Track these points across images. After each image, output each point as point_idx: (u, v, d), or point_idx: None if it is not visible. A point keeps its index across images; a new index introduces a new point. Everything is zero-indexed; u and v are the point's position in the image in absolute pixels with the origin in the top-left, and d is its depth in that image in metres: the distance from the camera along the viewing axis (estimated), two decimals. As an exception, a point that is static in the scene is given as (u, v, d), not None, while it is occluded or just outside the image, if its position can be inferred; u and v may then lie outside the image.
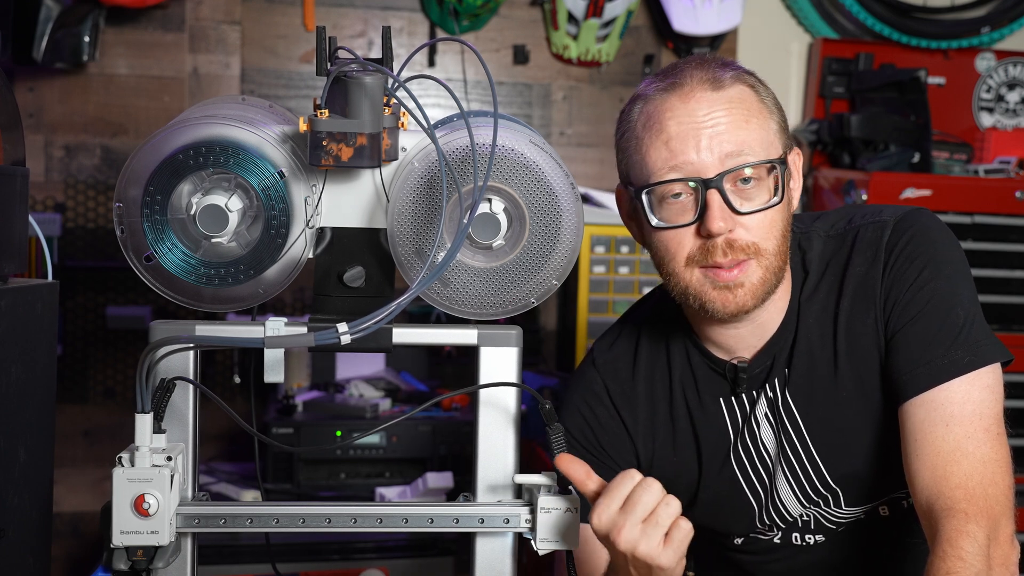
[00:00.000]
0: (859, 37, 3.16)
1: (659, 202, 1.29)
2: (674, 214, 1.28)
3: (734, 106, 1.27)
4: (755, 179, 1.27)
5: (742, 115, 1.27)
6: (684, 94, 1.27)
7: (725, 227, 1.25)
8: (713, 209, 1.25)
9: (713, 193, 1.25)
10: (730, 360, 1.39)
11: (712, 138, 1.25)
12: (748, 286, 1.28)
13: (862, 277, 1.34)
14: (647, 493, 1.12)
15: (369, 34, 2.97)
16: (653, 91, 1.30)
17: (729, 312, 1.29)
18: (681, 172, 1.26)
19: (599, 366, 1.48)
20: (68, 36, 2.61)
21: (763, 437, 1.40)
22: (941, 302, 1.29)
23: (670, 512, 1.12)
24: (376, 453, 2.48)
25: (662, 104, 1.28)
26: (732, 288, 1.28)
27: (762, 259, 1.28)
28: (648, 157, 1.28)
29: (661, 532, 1.12)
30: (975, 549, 1.17)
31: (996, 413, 1.26)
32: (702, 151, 1.25)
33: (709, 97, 1.27)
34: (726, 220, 1.25)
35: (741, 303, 1.29)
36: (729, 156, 1.25)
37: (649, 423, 1.44)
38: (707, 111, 1.26)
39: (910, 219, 1.35)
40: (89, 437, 2.86)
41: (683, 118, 1.27)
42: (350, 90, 1.03)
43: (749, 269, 1.28)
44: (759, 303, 1.30)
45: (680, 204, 1.28)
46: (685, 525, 1.13)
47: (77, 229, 2.83)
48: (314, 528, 1.12)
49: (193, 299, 1.10)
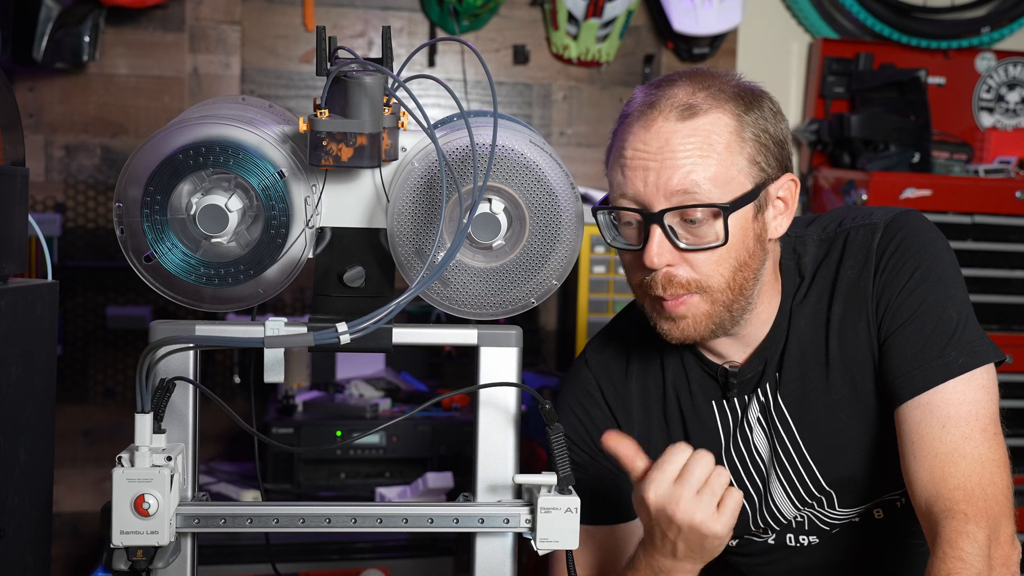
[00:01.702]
0: (859, 37, 3.16)
1: (618, 220, 1.31)
2: (627, 235, 1.31)
3: (696, 139, 1.24)
4: (701, 219, 1.25)
5: (699, 151, 1.24)
6: (648, 121, 1.26)
7: (661, 263, 1.25)
8: (652, 243, 1.25)
9: (654, 228, 1.25)
10: (722, 364, 1.39)
11: (660, 172, 1.24)
12: (692, 319, 1.29)
13: (853, 281, 1.34)
14: (699, 464, 1.19)
15: (369, 34, 2.97)
16: (634, 107, 1.30)
17: (675, 340, 1.32)
18: (630, 201, 1.27)
19: (592, 366, 1.47)
20: (68, 36, 2.61)
21: (756, 441, 1.40)
22: (934, 304, 1.29)
23: (722, 481, 1.20)
24: (376, 453, 2.48)
25: (629, 127, 1.29)
26: (675, 320, 1.30)
27: (707, 295, 1.28)
28: (611, 176, 1.31)
29: (715, 501, 1.19)
30: (975, 550, 1.17)
31: (992, 413, 1.26)
32: (648, 184, 1.25)
33: (670, 128, 1.25)
34: (662, 256, 1.25)
35: (685, 334, 1.31)
36: (676, 194, 1.24)
37: (644, 424, 1.44)
38: (663, 143, 1.25)
39: (900, 221, 1.34)
40: (89, 437, 2.86)
41: (639, 146, 1.26)
42: (350, 90, 1.03)
43: (692, 303, 1.28)
44: (708, 334, 1.31)
45: (630, 229, 1.30)
46: (736, 494, 1.21)
47: (77, 229, 2.83)
48: (314, 528, 1.12)
49: (193, 299, 1.10)
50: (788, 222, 1.34)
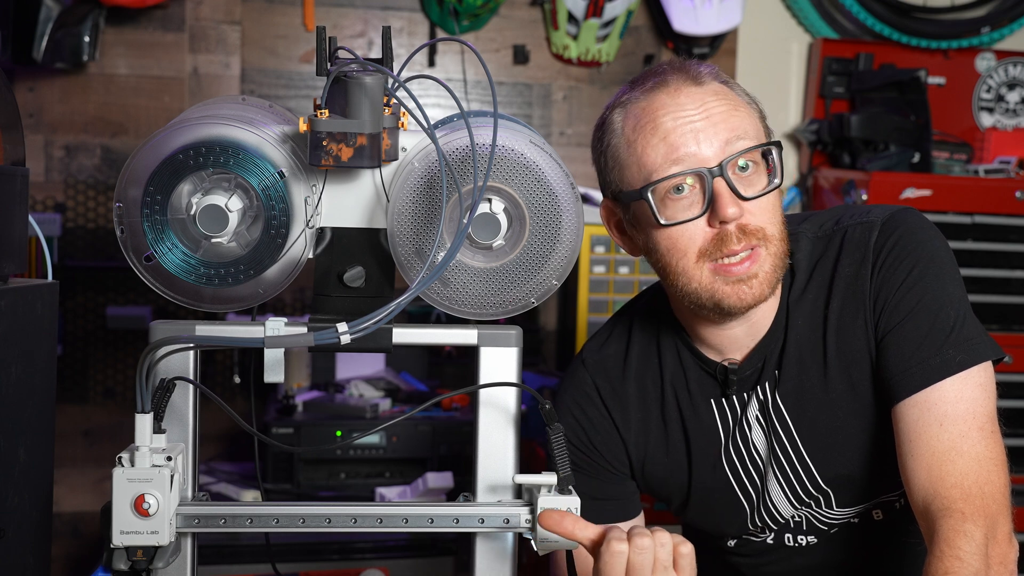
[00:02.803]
0: (859, 37, 3.16)
1: (661, 201, 1.28)
2: (679, 211, 1.27)
3: (720, 97, 1.28)
4: (753, 164, 1.28)
5: (729, 104, 1.28)
6: (672, 90, 1.28)
7: (738, 212, 1.25)
8: (723, 196, 1.25)
9: (719, 181, 1.25)
10: (721, 362, 1.39)
11: (708, 128, 1.26)
12: (762, 276, 1.28)
13: (851, 278, 1.34)
14: (639, 553, 1.09)
15: (369, 34, 2.97)
16: (636, 95, 1.30)
17: (746, 305, 1.29)
18: (684, 165, 1.26)
19: (589, 366, 1.47)
20: (68, 36, 2.61)
21: (754, 439, 1.40)
22: (931, 302, 1.29)
23: (667, 550, 1.09)
24: (376, 453, 2.48)
25: (651, 103, 1.28)
26: (746, 280, 1.27)
27: (770, 245, 1.28)
28: (645, 156, 1.28)
29: (672, 572, 1.10)
30: (973, 548, 1.17)
31: (990, 411, 1.26)
32: (701, 142, 1.26)
33: (695, 91, 1.28)
34: (737, 205, 1.25)
35: (758, 294, 1.28)
36: (727, 143, 1.26)
37: (641, 423, 1.44)
38: (698, 104, 1.27)
39: (897, 219, 1.34)
40: (89, 437, 2.86)
41: (676, 112, 1.27)
42: (350, 90, 1.03)
43: (760, 258, 1.28)
44: (773, 290, 1.30)
45: (684, 200, 1.27)
46: (685, 548, 1.10)
47: (77, 229, 2.83)
48: (314, 528, 1.12)
49: (193, 299, 1.10)
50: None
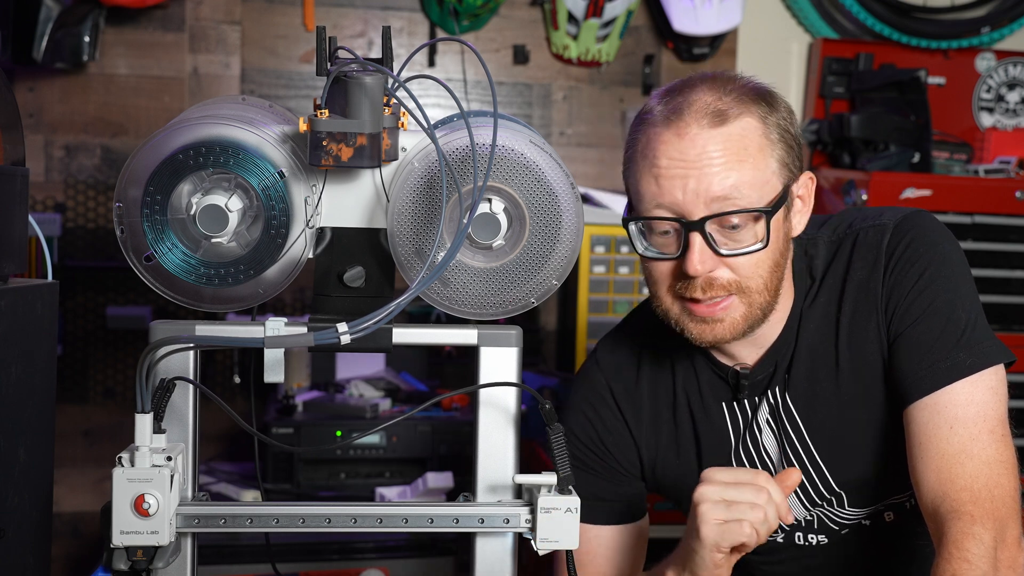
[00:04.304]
0: (859, 37, 3.16)
1: (648, 230, 1.29)
2: (660, 244, 1.29)
3: (731, 145, 1.24)
4: (741, 224, 1.26)
5: (736, 156, 1.24)
6: (680, 129, 1.25)
7: (703, 269, 1.25)
8: (692, 252, 1.25)
9: (695, 235, 1.24)
10: (733, 366, 1.39)
11: (700, 180, 1.24)
12: (728, 322, 1.29)
13: (863, 282, 1.34)
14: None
15: (369, 34, 2.97)
16: (657, 114, 1.28)
17: (705, 343, 1.31)
18: (667, 210, 1.26)
19: (603, 367, 1.48)
20: (68, 36, 2.61)
21: (765, 442, 1.40)
22: (943, 305, 1.29)
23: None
24: (376, 453, 2.48)
25: (658, 136, 1.27)
26: (710, 322, 1.29)
27: (745, 296, 1.28)
28: (640, 186, 1.29)
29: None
30: (981, 551, 1.17)
31: (1000, 414, 1.26)
32: (688, 192, 1.24)
33: (705, 135, 1.24)
34: (704, 263, 1.25)
35: (718, 336, 1.30)
36: (715, 200, 1.24)
37: (652, 425, 1.44)
38: (700, 151, 1.24)
39: (909, 222, 1.34)
40: (89, 437, 2.86)
41: (674, 155, 1.25)
42: (350, 90, 1.03)
43: (731, 306, 1.28)
44: (740, 335, 1.31)
45: (664, 237, 1.29)
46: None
47: (77, 229, 2.83)
48: (314, 528, 1.12)
49: (193, 299, 1.10)
50: (806, 219, 1.35)
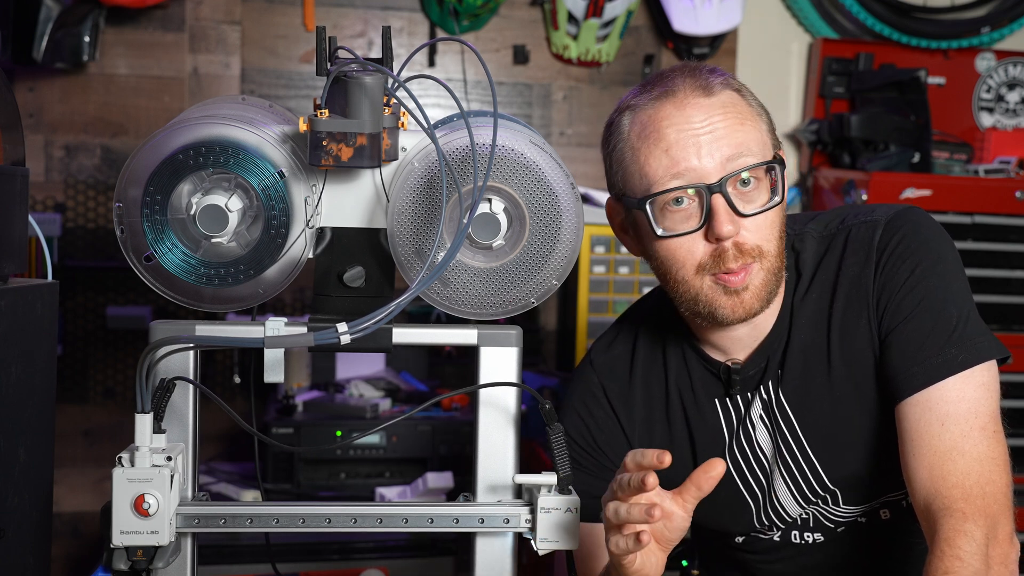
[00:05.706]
0: (859, 37, 3.16)
1: (660, 211, 1.28)
2: (677, 222, 1.28)
3: (728, 110, 1.27)
4: (754, 180, 1.27)
5: (736, 118, 1.27)
6: (679, 101, 1.27)
7: (733, 230, 1.25)
8: (720, 213, 1.25)
9: (718, 198, 1.25)
10: (724, 362, 1.39)
11: (711, 143, 1.25)
12: (752, 289, 1.29)
13: (855, 278, 1.34)
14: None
15: (369, 34, 2.97)
16: (645, 100, 1.30)
17: (738, 317, 1.30)
18: (683, 179, 1.26)
19: (597, 367, 1.48)
20: (68, 36, 2.61)
21: (759, 439, 1.40)
22: (934, 301, 1.29)
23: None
24: (376, 453, 2.48)
25: (657, 112, 1.28)
26: (740, 293, 1.28)
27: (764, 261, 1.29)
28: (648, 166, 1.28)
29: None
30: (973, 548, 1.17)
31: (992, 411, 1.26)
32: (703, 157, 1.25)
33: (703, 103, 1.27)
34: (733, 223, 1.25)
35: (749, 307, 1.29)
36: (729, 159, 1.26)
37: (645, 424, 1.45)
38: (704, 117, 1.26)
39: (902, 218, 1.35)
40: (89, 437, 2.86)
41: (681, 125, 1.26)
42: (350, 90, 1.03)
43: (753, 272, 1.28)
44: (764, 306, 1.31)
45: (683, 211, 1.27)
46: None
47: (77, 229, 2.83)
48: (314, 528, 1.12)
49: (193, 299, 1.10)
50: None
